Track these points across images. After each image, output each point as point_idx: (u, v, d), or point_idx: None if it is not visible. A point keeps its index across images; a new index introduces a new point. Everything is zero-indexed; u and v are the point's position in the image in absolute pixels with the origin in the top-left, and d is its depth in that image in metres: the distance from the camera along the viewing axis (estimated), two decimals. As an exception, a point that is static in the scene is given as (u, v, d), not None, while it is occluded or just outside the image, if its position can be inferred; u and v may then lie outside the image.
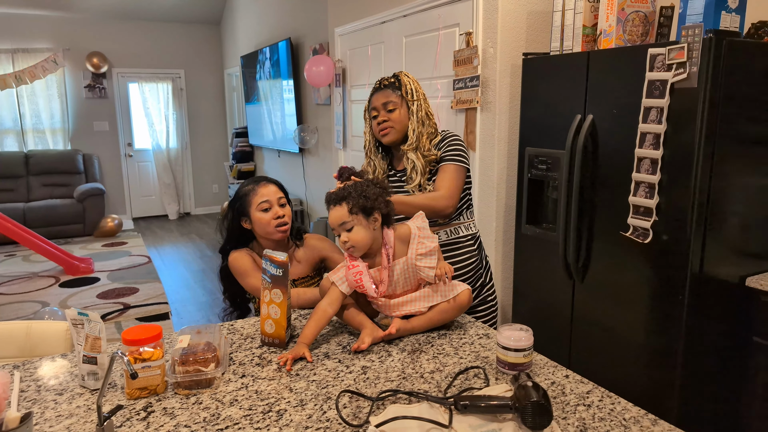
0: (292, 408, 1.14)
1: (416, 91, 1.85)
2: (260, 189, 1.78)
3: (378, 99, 1.85)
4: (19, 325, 1.63)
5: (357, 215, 1.45)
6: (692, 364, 1.92)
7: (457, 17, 2.92)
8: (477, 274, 1.91)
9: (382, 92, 1.85)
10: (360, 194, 1.45)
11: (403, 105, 1.83)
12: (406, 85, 1.84)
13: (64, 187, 7.09)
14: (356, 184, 1.49)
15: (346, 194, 1.46)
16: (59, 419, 1.11)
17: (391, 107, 1.82)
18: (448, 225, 1.87)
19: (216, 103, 8.36)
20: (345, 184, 1.50)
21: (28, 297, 4.59)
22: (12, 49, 6.97)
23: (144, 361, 1.18)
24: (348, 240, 1.45)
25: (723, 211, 1.89)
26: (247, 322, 1.63)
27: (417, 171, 1.81)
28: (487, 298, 1.94)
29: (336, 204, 1.46)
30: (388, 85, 1.85)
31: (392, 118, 1.82)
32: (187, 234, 7.14)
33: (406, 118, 1.83)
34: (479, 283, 1.92)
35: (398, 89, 1.84)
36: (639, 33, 2.08)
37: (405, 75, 1.87)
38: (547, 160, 2.35)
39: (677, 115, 1.84)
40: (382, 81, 1.88)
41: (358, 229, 1.45)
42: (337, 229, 1.46)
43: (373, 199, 1.46)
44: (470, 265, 1.89)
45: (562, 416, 1.10)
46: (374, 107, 1.85)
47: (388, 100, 1.83)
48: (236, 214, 1.80)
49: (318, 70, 4.41)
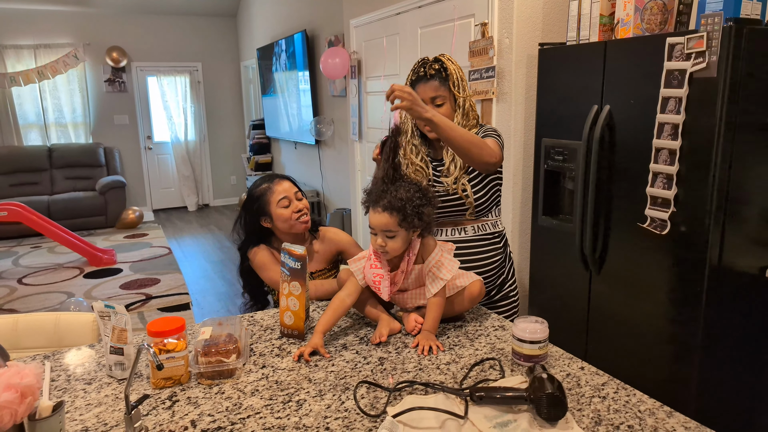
0: (311, 398, 1.17)
1: (462, 81, 1.72)
2: (276, 187, 1.81)
3: (425, 91, 1.71)
4: (49, 317, 1.68)
5: (404, 228, 1.41)
6: (710, 356, 1.91)
7: (472, 8, 2.91)
8: (500, 272, 1.87)
9: (429, 84, 1.71)
10: (416, 213, 1.40)
11: (450, 97, 1.73)
12: (453, 74, 1.71)
13: (87, 180, 7.22)
14: (411, 198, 1.40)
15: (401, 206, 1.39)
16: (89, 407, 1.15)
17: (440, 102, 1.71)
18: (476, 221, 1.82)
19: (233, 95, 8.42)
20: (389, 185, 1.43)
21: (54, 288, 4.70)
22: (34, 44, 7.09)
23: (168, 352, 1.22)
24: (385, 245, 1.42)
25: (742, 201, 1.87)
26: (267, 314, 1.67)
27: (456, 165, 1.74)
28: (509, 294, 1.91)
29: (386, 210, 1.39)
30: (435, 74, 1.71)
31: (441, 113, 1.69)
32: (206, 225, 7.23)
33: (452, 111, 1.73)
34: (501, 279, 1.88)
35: (446, 81, 1.71)
36: (657, 22, 2.05)
37: (449, 60, 1.74)
38: (564, 151, 2.34)
39: (696, 105, 1.82)
40: (427, 69, 1.72)
41: (398, 239, 1.42)
42: (379, 233, 1.42)
43: (426, 222, 1.42)
44: (494, 263, 1.84)
45: (577, 408, 1.11)
46: (421, 99, 1.67)
47: (437, 95, 1.70)
48: (255, 214, 1.82)
49: (333, 62, 4.42)
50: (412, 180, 1.53)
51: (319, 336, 1.40)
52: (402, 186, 1.43)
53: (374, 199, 1.43)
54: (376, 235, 1.43)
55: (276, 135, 6.95)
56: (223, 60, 8.26)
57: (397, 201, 1.39)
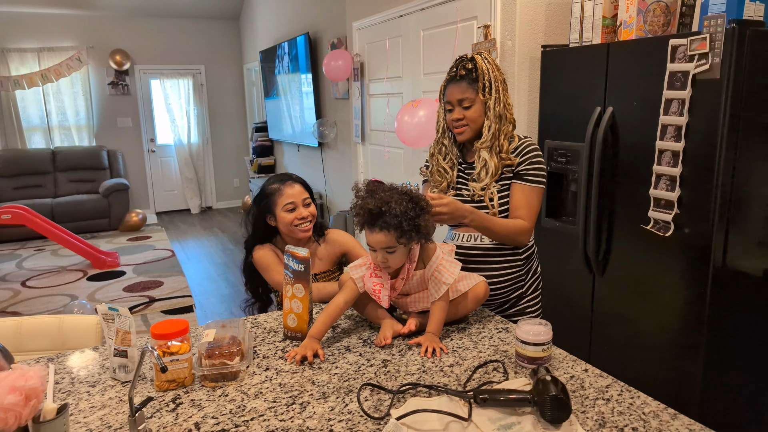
0: (315, 400, 1.17)
1: (494, 81, 1.63)
2: (286, 189, 1.81)
3: (453, 93, 1.65)
4: (52, 319, 1.69)
5: (402, 244, 1.40)
6: (714, 358, 1.90)
7: (475, 10, 2.91)
8: (516, 286, 1.74)
9: (457, 85, 1.65)
10: (413, 227, 1.36)
11: (479, 100, 1.65)
12: (485, 75, 1.63)
13: (90, 183, 7.24)
14: (406, 211, 1.36)
15: (397, 223, 1.35)
16: (93, 410, 1.16)
17: (467, 104, 1.64)
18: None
19: (236, 98, 8.44)
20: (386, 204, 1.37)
21: (57, 290, 4.72)
22: (38, 48, 7.12)
23: (172, 355, 1.22)
24: (386, 261, 1.41)
25: (746, 203, 1.86)
26: (270, 316, 1.67)
27: (488, 172, 1.65)
28: (525, 311, 1.78)
29: (383, 230, 1.37)
30: (465, 75, 1.64)
31: (468, 116, 1.65)
32: (209, 228, 7.24)
33: (483, 113, 1.65)
34: (516, 294, 1.75)
35: (475, 82, 1.63)
36: (660, 24, 2.05)
37: (484, 60, 1.65)
38: (567, 153, 2.34)
39: (699, 107, 1.82)
40: (458, 69, 1.66)
41: (398, 254, 1.41)
42: (378, 251, 1.40)
43: (424, 233, 1.40)
44: (510, 275, 1.72)
45: (581, 410, 1.11)
46: (448, 101, 1.67)
47: (464, 97, 1.64)
48: (262, 210, 1.84)
49: (336, 65, 4.43)
50: (398, 188, 1.45)
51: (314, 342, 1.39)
52: (393, 198, 1.38)
53: (368, 222, 1.39)
54: (375, 252, 1.42)
55: (279, 137, 6.96)
56: (226, 63, 8.28)
57: (393, 219, 1.35)
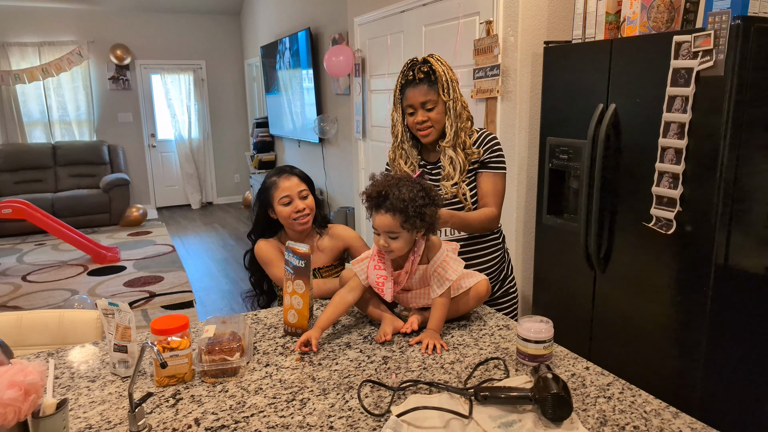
0: (315, 397, 1.16)
1: (451, 81, 1.71)
2: (282, 182, 1.80)
3: (415, 96, 1.71)
4: (52, 314, 1.68)
5: (406, 230, 1.40)
6: (716, 356, 1.90)
7: (477, 5, 2.90)
8: (500, 267, 1.90)
9: (418, 89, 1.70)
10: (418, 214, 1.37)
11: (441, 101, 1.72)
12: (442, 77, 1.70)
13: (90, 178, 7.24)
14: (414, 198, 1.37)
15: (403, 207, 1.37)
16: (92, 405, 1.15)
17: (430, 106, 1.71)
18: None
19: (237, 93, 8.42)
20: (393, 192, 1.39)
21: (58, 285, 4.72)
22: (38, 42, 7.11)
23: (172, 350, 1.21)
24: (388, 245, 1.42)
25: (749, 201, 1.85)
26: (271, 312, 1.67)
27: (456, 169, 1.73)
28: (509, 290, 1.94)
29: (389, 212, 1.38)
30: (424, 78, 1.70)
31: (432, 117, 1.71)
32: (209, 223, 7.24)
33: (444, 114, 1.72)
34: (502, 275, 1.91)
35: (435, 84, 1.70)
36: (664, 20, 2.04)
37: (437, 61, 1.72)
38: (569, 150, 2.33)
39: (703, 104, 1.81)
40: (416, 72, 1.71)
41: (401, 240, 1.41)
42: (382, 234, 1.41)
43: (429, 222, 1.40)
44: (494, 259, 1.87)
45: (582, 408, 1.10)
46: (410, 104, 1.73)
47: (427, 99, 1.70)
48: (263, 204, 1.85)
49: (337, 60, 4.41)
50: (415, 179, 1.49)
51: (317, 330, 1.40)
52: (405, 185, 1.40)
53: (375, 204, 1.41)
54: (379, 235, 1.42)
55: (280, 133, 6.95)
56: (227, 58, 8.26)
57: (400, 202, 1.36)
